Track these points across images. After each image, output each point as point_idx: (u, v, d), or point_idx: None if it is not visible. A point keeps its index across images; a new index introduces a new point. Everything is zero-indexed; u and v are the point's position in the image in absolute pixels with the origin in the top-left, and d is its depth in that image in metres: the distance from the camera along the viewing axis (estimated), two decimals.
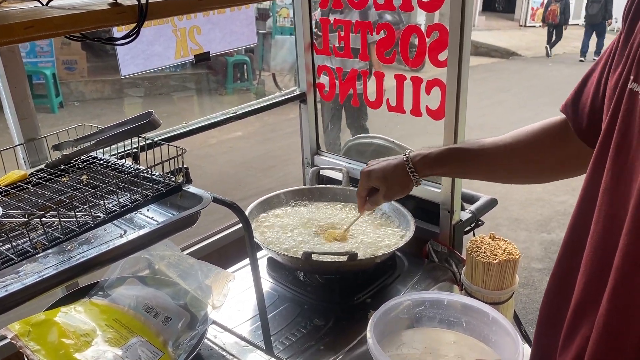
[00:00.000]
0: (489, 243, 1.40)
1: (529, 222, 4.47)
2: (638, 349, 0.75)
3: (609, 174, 0.82)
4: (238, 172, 5.48)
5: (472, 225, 1.64)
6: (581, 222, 0.90)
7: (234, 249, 1.74)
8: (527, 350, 1.04)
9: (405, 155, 1.27)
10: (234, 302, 1.40)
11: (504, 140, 1.16)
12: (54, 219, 0.92)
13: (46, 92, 6.93)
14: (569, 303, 0.89)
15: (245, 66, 8.19)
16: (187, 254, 1.35)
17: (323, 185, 1.80)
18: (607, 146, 0.83)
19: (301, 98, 1.91)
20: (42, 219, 0.88)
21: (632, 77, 0.79)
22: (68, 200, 0.95)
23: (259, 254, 1.57)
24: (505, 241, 1.41)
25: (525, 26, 15.05)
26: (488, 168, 1.21)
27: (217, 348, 1.21)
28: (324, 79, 1.86)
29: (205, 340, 1.18)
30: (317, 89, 1.88)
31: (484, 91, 8.23)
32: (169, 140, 1.43)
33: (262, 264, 1.56)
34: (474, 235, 1.56)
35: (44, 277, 0.82)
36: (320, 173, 1.91)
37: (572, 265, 0.90)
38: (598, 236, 0.83)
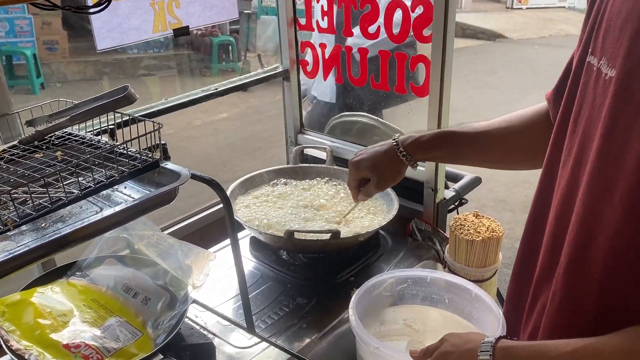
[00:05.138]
0: (472, 221, 1.39)
1: (514, 204, 4.49)
2: (592, 316, 0.76)
3: (567, 147, 0.82)
4: (223, 154, 5.43)
5: (456, 204, 1.64)
6: (543, 198, 0.90)
7: (216, 228, 1.72)
8: None
9: (394, 139, 1.21)
10: (216, 281, 1.38)
11: (497, 125, 1.13)
12: (25, 195, 0.89)
13: (27, 73, 6.78)
14: (531, 281, 0.91)
15: (230, 47, 8.07)
16: (168, 233, 1.33)
17: (306, 164, 1.77)
18: (566, 120, 0.83)
19: (284, 75, 1.87)
20: (14, 196, 0.84)
21: (590, 50, 0.78)
22: (40, 177, 0.92)
23: (242, 234, 1.55)
24: (489, 219, 1.41)
25: (512, 8, 14.97)
26: (481, 153, 1.17)
27: (198, 327, 1.20)
28: (307, 56, 1.83)
29: (187, 319, 1.17)
30: (300, 66, 1.85)
31: (470, 73, 8.20)
32: (148, 117, 1.39)
33: (245, 244, 1.54)
34: (458, 214, 1.55)
35: (15, 254, 0.79)
36: (304, 152, 1.89)
37: (534, 243, 0.91)
38: (558, 208, 0.83)
